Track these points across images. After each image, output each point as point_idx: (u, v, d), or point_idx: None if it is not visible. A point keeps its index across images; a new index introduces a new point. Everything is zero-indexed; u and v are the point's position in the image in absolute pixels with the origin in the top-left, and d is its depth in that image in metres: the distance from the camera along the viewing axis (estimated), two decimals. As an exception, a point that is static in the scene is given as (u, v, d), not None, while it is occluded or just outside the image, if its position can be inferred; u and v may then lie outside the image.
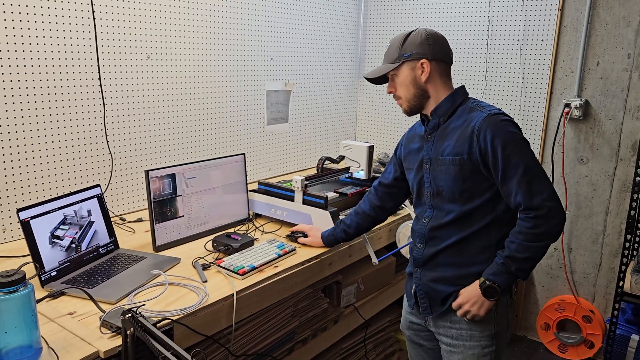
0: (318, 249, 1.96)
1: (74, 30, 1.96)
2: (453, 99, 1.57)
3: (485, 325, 1.56)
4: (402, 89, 1.60)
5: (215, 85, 2.54)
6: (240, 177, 2.20)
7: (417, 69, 1.55)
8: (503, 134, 1.45)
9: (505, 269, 1.49)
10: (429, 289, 1.64)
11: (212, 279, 1.67)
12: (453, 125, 1.55)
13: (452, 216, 1.56)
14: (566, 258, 2.95)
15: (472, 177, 1.51)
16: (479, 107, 1.53)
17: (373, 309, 2.39)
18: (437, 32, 1.57)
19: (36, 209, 1.56)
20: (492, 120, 1.47)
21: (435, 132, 1.59)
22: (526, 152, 1.46)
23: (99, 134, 2.11)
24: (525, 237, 1.46)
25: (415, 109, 1.62)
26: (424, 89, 1.57)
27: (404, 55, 1.56)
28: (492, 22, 2.95)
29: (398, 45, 1.57)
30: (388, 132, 3.49)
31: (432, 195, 1.61)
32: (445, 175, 1.55)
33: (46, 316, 1.38)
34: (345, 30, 3.34)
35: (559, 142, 2.83)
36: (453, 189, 1.54)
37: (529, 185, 1.44)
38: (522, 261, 1.47)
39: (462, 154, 1.50)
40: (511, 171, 1.45)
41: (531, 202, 1.45)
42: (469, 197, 1.53)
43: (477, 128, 1.47)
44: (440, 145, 1.56)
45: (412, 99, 1.60)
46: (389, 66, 1.59)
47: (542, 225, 1.45)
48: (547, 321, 2.98)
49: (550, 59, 2.80)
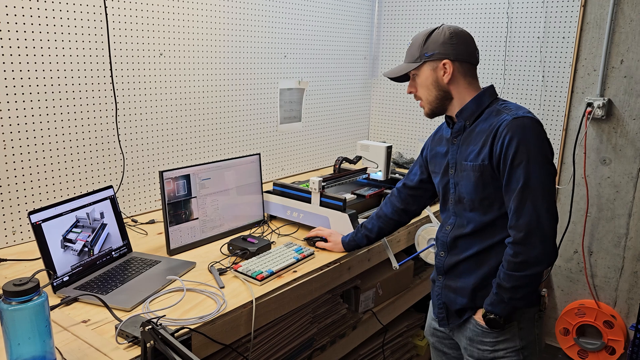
0: (336, 253, 1.89)
1: (85, 27, 1.90)
2: (480, 101, 1.49)
3: (509, 342, 1.48)
4: (423, 90, 1.52)
5: (228, 83, 2.48)
6: (256, 177, 2.14)
7: (439, 70, 1.47)
8: (521, 141, 1.35)
9: (499, 298, 1.42)
10: (447, 299, 1.58)
11: (229, 284, 1.61)
12: (479, 128, 1.47)
13: (472, 227, 1.49)
14: (587, 261, 2.87)
15: (493, 184, 1.43)
16: (506, 109, 1.44)
17: (391, 314, 2.33)
18: (462, 29, 1.49)
19: (48, 212, 1.50)
20: (515, 123, 1.37)
21: (460, 136, 1.52)
22: (536, 168, 1.35)
23: (111, 134, 2.05)
24: (508, 265, 1.39)
25: (437, 111, 1.54)
26: (447, 90, 1.49)
27: (425, 54, 1.48)
28: (512, 19, 2.87)
29: (420, 44, 1.49)
30: (402, 132, 3.41)
31: (455, 202, 1.54)
32: (467, 182, 1.48)
33: (59, 324, 1.32)
34: (359, 28, 3.26)
35: (580, 143, 2.75)
36: (473, 196, 1.47)
37: (521, 202, 1.35)
38: (510, 290, 1.39)
39: (483, 159, 1.42)
40: (513, 183, 1.37)
41: (516, 222, 1.37)
42: (489, 205, 1.45)
43: (500, 131, 1.39)
44: (465, 150, 1.49)
45: (433, 101, 1.52)
46: (410, 65, 1.52)
47: (521, 254, 1.36)
48: (567, 326, 2.90)
49: (572, 57, 2.72)
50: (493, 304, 1.43)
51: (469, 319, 1.53)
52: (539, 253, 1.35)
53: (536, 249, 1.35)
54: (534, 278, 1.39)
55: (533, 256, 1.35)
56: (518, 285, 1.38)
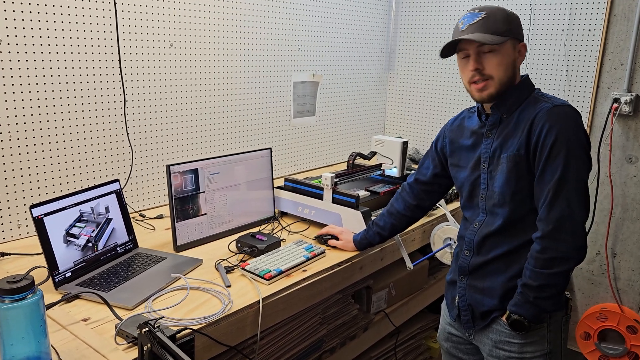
0: (348, 251, 1.83)
1: (93, 16, 1.85)
2: (520, 93, 1.41)
3: (537, 345, 1.40)
4: (500, 69, 1.36)
5: (240, 75, 2.42)
6: (266, 173, 2.08)
7: (516, 51, 1.40)
8: (561, 130, 1.28)
9: (525, 298, 1.34)
10: (472, 300, 1.49)
11: (236, 283, 1.55)
12: (516, 119, 1.39)
13: (500, 222, 1.40)
14: (610, 263, 2.76)
15: (527, 177, 1.35)
16: (545, 97, 1.38)
17: (404, 315, 2.26)
18: None
19: (50, 205, 1.46)
20: (555, 111, 1.30)
21: (496, 129, 1.43)
22: (575, 160, 1.28)
23: (119, 126, 2.00)
24: (536, 262, 1.31)
25: (499, 96, 1.39)
26: (515, 75, 1.41)
27: (511, 30, 1.37)
28: (535, 11, 2.76)
29: (504, 18, 1.36)
30: (419, 127, 3.33)
31: (487, 198, 1.45)
32: (500, 174, 1.39)
33: (58, 322, 1.27)
34: (375, 20, 3.18)
35: (605, 140, 2.63)
36: (505, 189, 1.38)
37: (555, 195, 1.28)
38: (537, 289, 1.31)
39: (519, 149, 1.35)
40: (548, 175, 1.29)
41: (547, 215, 1.29)
42: (521, 200, 1.37)
43: (537, 119, 1.32)
44: (503, 143, 1.40)
45: (505, 83, 1.38)
46: (496, 38, 1.32)
47: (550, 250, 1.28)
48: (588, 330, 2.80)
49: (598, 51, 2.60)
50: (518, 305, 1.36)
51: (495, 319, 1.45)
52: (569, 248, 1.28)
53: (565, 243, 1.28)
54: (563, 276, 1.32)
55: (562, 250, 1.28)
56: (545, 284, 1.31)
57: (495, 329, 1.46)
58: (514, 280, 1.40)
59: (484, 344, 1.50)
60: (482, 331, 1.50)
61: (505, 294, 1.42)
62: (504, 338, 1.43)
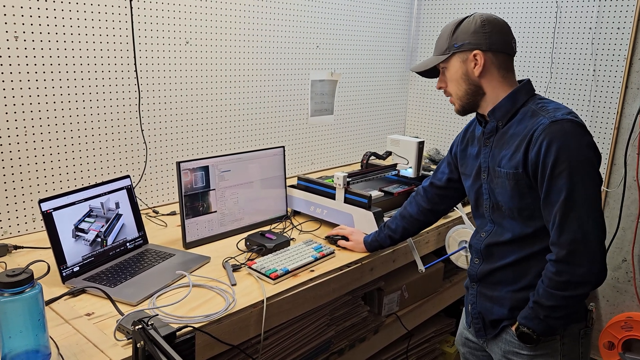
0: (359, 253, 1.80)
1: (109, 13, 1.87)
2: (514, 99, 1.34)
3: (548, 358, 1.35)
4: (452, 85, 1.38)
5: (256, 73, 2.41)
6: (279, 171, 2.06)
7: (469, 62, 1.33)
8: (562, 147, 1.21)
9: (535, 314, 1.29)
10: (483, 308, 1.45)
11: (241, 282, 1.54)
12: (513, 130, 1.33)
13: (510, 235, 1.36)
14: (636, 271, 2.65)
15: (530, 194, 1.30)
16: (543, 109, 1.29)
17: (417, 319, 2.21)
18: (496, 17, 1.34)
19: (60, 200, 1.48)
20: (554, 128, 1.23)
21: (493, 137, 1.38)
22: (581, 178, 1.21)
23: (134, 122, 2.02)
24: (550, 283, 1.25)
25: (468, 108, 1.40)
26: (478, 84, 1.35)
27: (454, 45, 1.34)
28: (561, 8, 2.67)
29: (448, 34, 1.36)
30: (440, 127, 3.26)
31: (492, 209, 1.41)
32: (502, 190, 1.35)
33: (62, 316, 1.29)
34: (397, 17, 3.13)
35: (633, 143, 2.53)
36: (511, 205, 1.34)
37: (564, 217, 1.21)
38: (548, 309, 1.26)
39: (517, 167, 1.29)
40: (554, 196, 1.23)
41: (558, 238, 1.23)
42: (529, 216, 1.32)
43: (535, 137, 1.25)
44: (497, 154, 1.36)
45: (463, 97, 1.38)
46: (438, 58, 1.38)
47: (565, 273, 1.22)
48: (612, 340, 2.69)
49: (627, 50, 2.50)
50: (527, 318, 1.31)
51: (505, 329, 1.41)
52: (585, 272, 1.22)
53: (582, 268, 1.22)
54: (577, 299, 1.26)
55: (579, 275, 1.22)
56: (558, 306, 1.25)
57: (505, 338, 1.41)
58: (524, 292, 1.35)
59: (494, 353, 1.46)
60: (493, 340, 1.46)
61: (515, 304, 1.37)
62: (513, 348, 1.39)
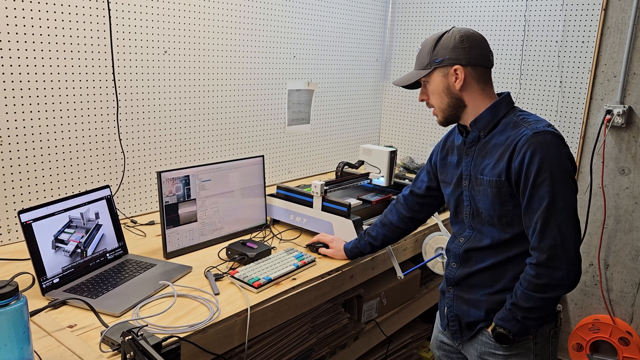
0: (339, 260, 1.82)
1: (87, 22, 1.86)
2: (496, 111, 1.40)
3: (522, 357, 1.40)
4: (435, 98, 1.44)
5: (234, 82, 2.43)
6: (259, 180, 2.08)
7: (450, 76, 1.39)
8: (544, 158, 1.28)
9: (512, 315, 1.35)
10: (459, 311, 1.49)
11: (224, 291, 1.55)
12: (495, 141, 1.39)
13: (489, 241, 1.41)
14: (602, 275, 2.76)
15: (511, 201, 1.36)
16: (525, 121, 1.35)
17: (396, 325, 2.25)
18: (474, 32, 1.40)
19: (39, 211, 1.46)
20: (537, 139, 1.29)
21: (475, 147, 1.44)
22: (561, 187, 1.27)
23: (112, 132, 2.00)
24: (528, 285, 1.31)
25: (451, 120, 1.46)
26: (459, 97, 1.41)
27: (435, 60, 1.40)
28: (529, 22, 2.78)
29: (429, 49, 1.41)
30: (414, 136, 3.33)
31: (472, 216, 1.46)
32: (484, 197, 1.40)
33: (44, 329, 1.27)
34: (371, 29, 3.19)
35: (598, 152, 2.64)
36: (492, 212, 1.39)
37: (545, 223, 1.28)
38: (526, 310, 1.32)
39: (500, 175, 1.35)
40: (535, 203, 1.29)
41: (539, 243, 1.29)
42: (508, 223, 1.38)
43: (519, 147, 1.31)
44: (480, 163, 1.41)
45: (446, 109, 1.44)
46: (419, 73, 1.44)
47: (544, 276, 1.28)
48: (580, 342, 2.79)
49: (592, 62, 2.61)
50: (504, 320, 1.36)
51: (481, 330, 1.46)
52: (564, 276, 1.28)
53: (561, 272, 1.28)
54: (554, 301, 1.33)
55: (557, 278, 1.28)
56: (535, 307, 1.31)
57: (480, 340, 1.46)
58: (500, 295, 1.41)
59: (470, 355, 1.51)
60: (469, 342, 1.50)
61: (491, 307, 1.43)
62: (488, 349, 1.43)
